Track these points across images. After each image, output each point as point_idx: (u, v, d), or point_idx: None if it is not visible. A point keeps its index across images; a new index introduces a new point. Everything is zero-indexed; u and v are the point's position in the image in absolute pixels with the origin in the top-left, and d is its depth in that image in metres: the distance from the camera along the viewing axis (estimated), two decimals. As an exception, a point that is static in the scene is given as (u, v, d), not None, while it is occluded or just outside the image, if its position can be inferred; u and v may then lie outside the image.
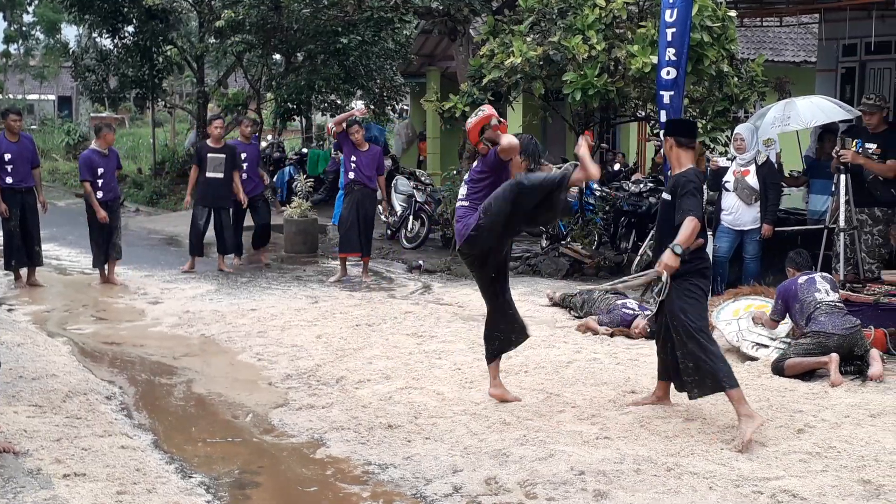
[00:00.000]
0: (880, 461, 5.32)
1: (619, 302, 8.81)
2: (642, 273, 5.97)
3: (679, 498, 4.86)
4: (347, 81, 18.68)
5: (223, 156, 11.85)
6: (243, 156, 12.29)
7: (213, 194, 11.84)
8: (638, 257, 11.28)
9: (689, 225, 5.74)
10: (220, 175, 11.80)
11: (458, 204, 6.42)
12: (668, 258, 5.80)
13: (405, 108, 23.83)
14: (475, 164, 6.45)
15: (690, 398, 6.01)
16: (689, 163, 6.07)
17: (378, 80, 19.52)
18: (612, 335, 8.43)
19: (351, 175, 11.36)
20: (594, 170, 6.12)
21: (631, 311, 8.61)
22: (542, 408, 6.35)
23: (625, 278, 6.17)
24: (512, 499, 4.90)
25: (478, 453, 5.51)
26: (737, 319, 8.01)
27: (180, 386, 7.20)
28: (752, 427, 5.55)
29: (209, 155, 11.83)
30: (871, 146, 8.73)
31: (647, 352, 7.85)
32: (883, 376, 6.93)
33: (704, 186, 6.05)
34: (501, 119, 6.42)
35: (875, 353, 7.11)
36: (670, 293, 5.93)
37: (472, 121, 6.43)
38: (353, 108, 13.20)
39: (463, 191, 6.41)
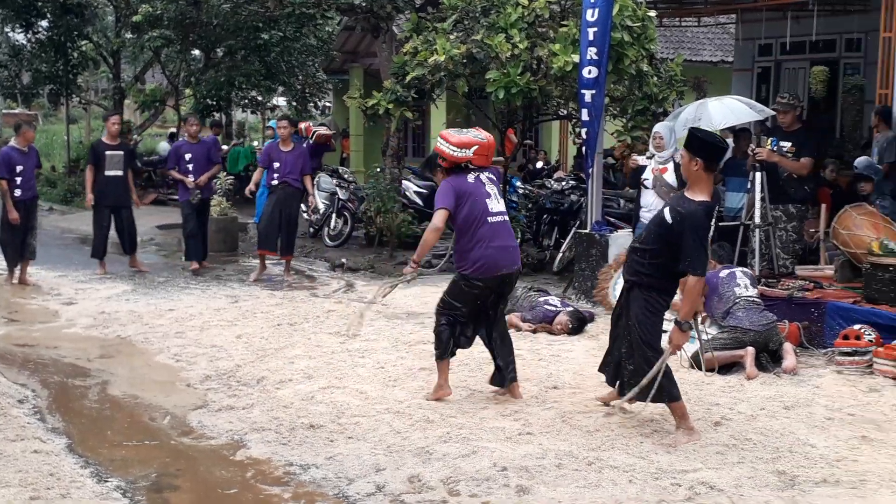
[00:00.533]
0: (794, 452, 5.44)
1: (542, 299, 8.87)
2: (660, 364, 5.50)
3: (599, 491, 4.90)
4: (268, 78, 18.50)
5: (121, 153, 11.52)
6: (188, 156, 11.74)
7: (113, 193, 11.47)
8: (560, 254, 11.38)
9: (693, 290, 5.42)
10: (119, 173, 11.44)
11: (503, 218, 6.33)
12: (675, 336, 5.48)
13: (328, 104, 23.68)
14: (490, 174, 6.40)
15: (621, 397, 5.97)
16: (707, 191, 5.55)
17: (300, 77, 19.38)
18: (534, 331, 8.48)
19: (275, 182, 11.23)
20: None
21: (553, 308, 8.67)
22: (465, 405, 6.35)
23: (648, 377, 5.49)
24: (435, 496, 4.89)
25: (401, 451, 5.49)
26: None
27: (95, 388, 7.01)
28: (688, 440, 5.58)
29: (106, 153, 11.45)
30: (786, 144, 8.92)
31: (570, 347, 7.93)
32: (796, 369, 7.09)
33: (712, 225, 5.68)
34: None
35: (788, 347, 7.27)
36: (630, 300, 5.80)
37: (482, 136, 6.39)
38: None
39: (498, 205, 6.34)
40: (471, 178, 6.33)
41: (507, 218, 6.39)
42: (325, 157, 17.89)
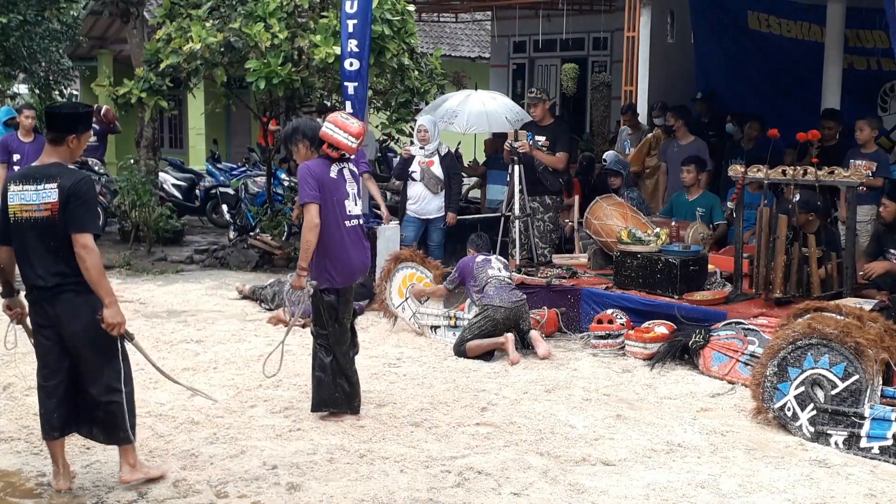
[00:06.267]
0: (556, 433, 5.66)
1: (310, 292, 8.76)
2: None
3: (371, 483, 4.89)
4: (8, 64, 17.25)
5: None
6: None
7: None
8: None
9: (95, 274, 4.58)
10: None
11: (359, 222, 5.84)
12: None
13: (74, 92, 22.39)
14: (353, 167, 5.89)
15: None
16: (59, 158, 4.64)
17: (43, 64, 18.19)
18: (304, 326, 8.36)
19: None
20: None
21: (321, 301, 8.58)
22: (232, 404, 6.17)
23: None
24: (202, 500, 4.71)
25: (164, 456, 5.26)
26: (405, 301, 8.26)
27: None
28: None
29: None
30: (541, 138, 9.31)
31: (338, 341, 7.87)
32: (551, 354, 7.36)
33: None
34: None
35: (535, 335, 7.47)
36: None
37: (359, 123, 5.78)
38: None
39: (356, 207, 5.83)
40: (334, 170, 5.72)
41: (362, 222, 5.93)
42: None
